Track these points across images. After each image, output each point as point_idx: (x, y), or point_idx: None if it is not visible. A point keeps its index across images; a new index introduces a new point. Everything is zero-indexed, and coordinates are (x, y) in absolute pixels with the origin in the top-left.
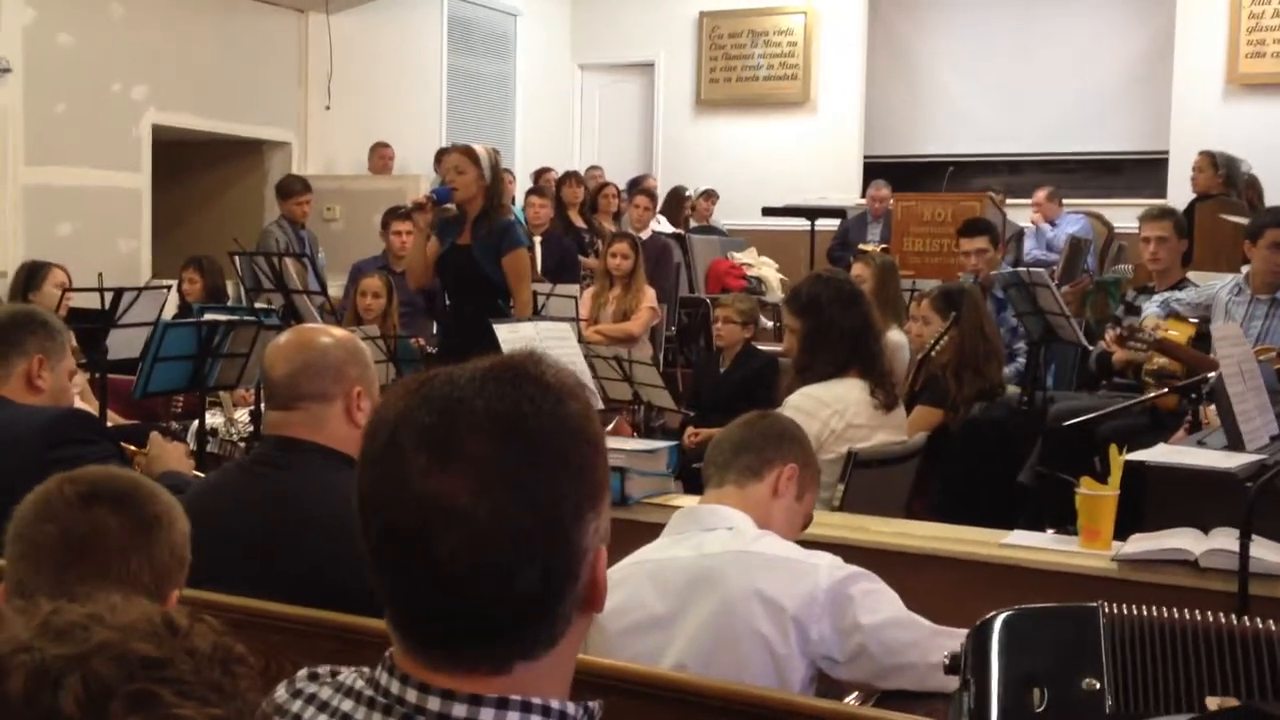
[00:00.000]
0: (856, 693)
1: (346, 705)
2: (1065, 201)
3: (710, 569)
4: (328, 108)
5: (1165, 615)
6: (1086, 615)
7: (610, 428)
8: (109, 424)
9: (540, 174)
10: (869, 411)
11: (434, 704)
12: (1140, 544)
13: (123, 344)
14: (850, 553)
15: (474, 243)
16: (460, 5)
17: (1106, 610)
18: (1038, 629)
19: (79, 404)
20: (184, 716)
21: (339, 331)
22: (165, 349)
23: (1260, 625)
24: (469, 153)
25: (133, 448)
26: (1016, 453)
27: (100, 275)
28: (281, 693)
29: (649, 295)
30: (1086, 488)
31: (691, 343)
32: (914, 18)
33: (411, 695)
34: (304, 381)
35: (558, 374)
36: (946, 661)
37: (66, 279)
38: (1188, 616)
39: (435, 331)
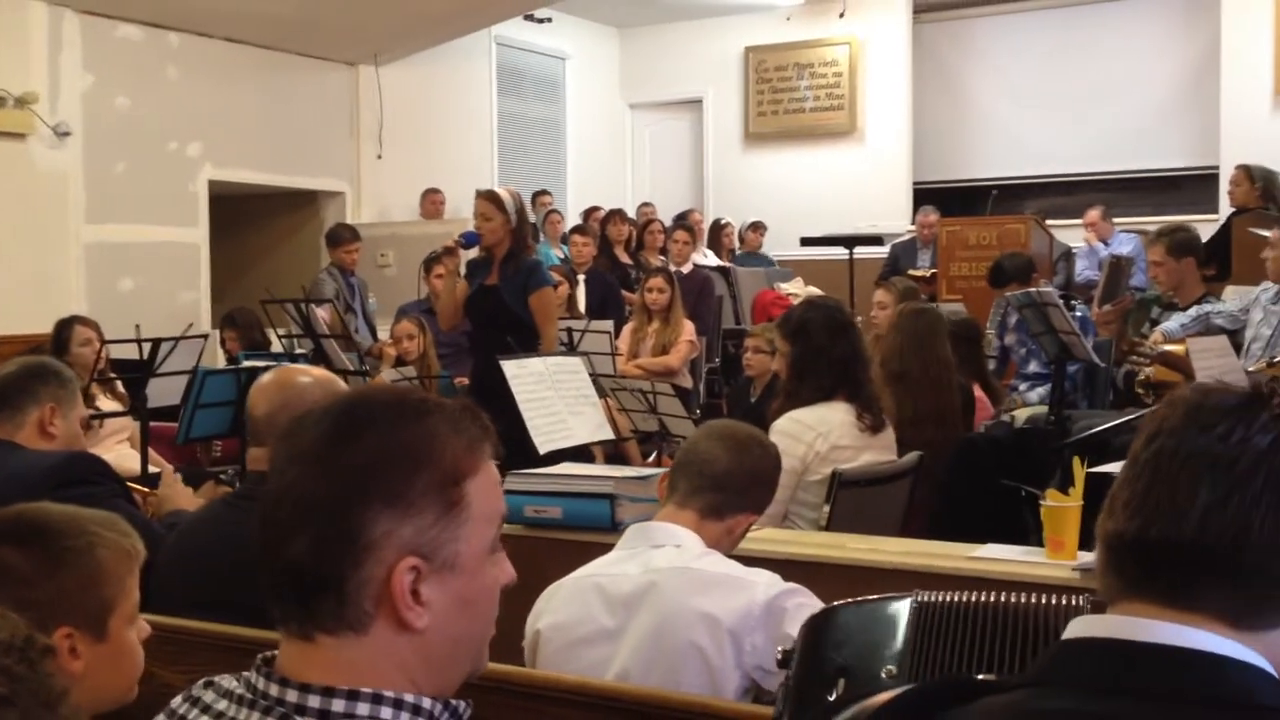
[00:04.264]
0: None
1: (222, 705)
2: (1120, 221)
3: (654, 584)
4: (379, 157)
5: (968, 599)
6: (898, 605)
7: (651, 459)
8: (152, 469)
9: (589, 213)
10: (854, 433)
11: (292, 696)
12: None
13: (164, 392)
14: (823, 570)
15: (501, 283)
16: (509, 52)
17: (918, 599)
18: (859, 621)
19: (127, 450)
20: None
21: (318, 371)
22: (206, 395)
23: (1054, 602)
24: (494, 198)
25: (144, 488)
26: (1017, 471)
27: (137, 326)
28: (178, 699)
29: (687, 329)
30: (1052, 499)
31: (738, 374)
32: (958, 42)
33: (274, 689)
34: (283, 419)
35: (425, 399)
36: (779, 656)
37: (95, 332)
38: (990, 599)
39: None
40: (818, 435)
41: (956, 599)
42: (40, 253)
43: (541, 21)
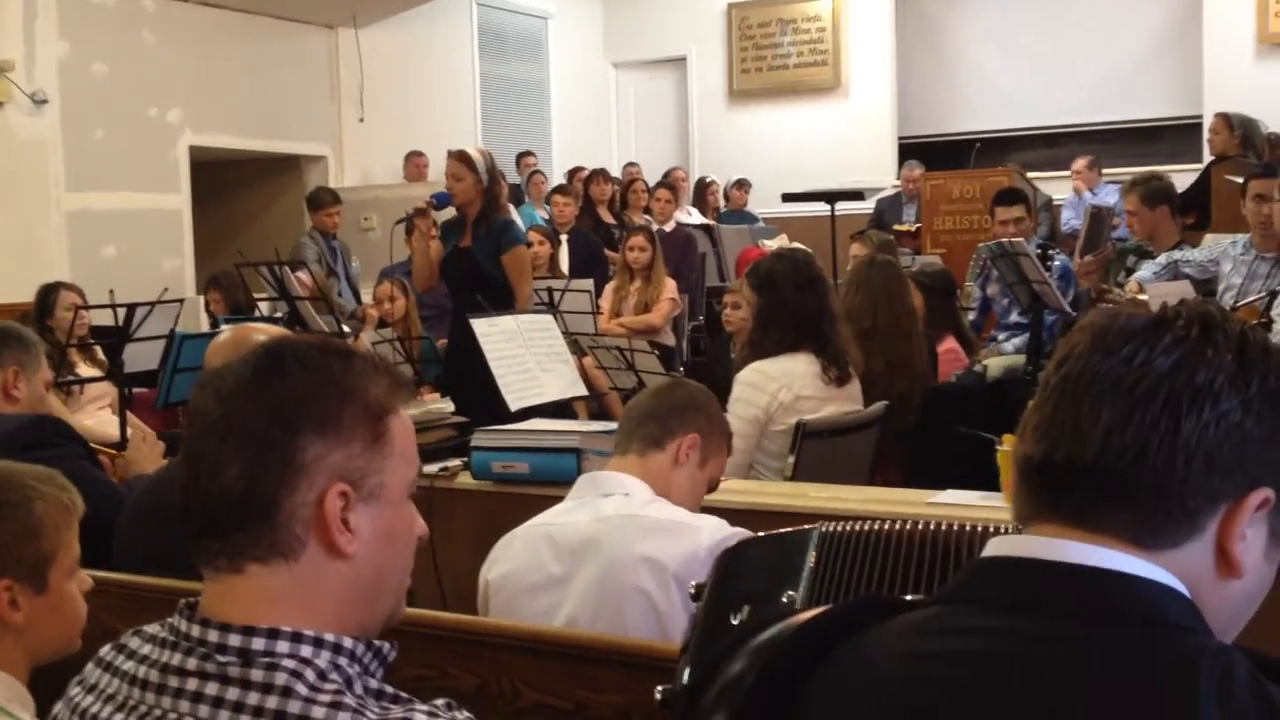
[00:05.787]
0: None
1: (146, 649)
2: (1104, 171)
3: (601, 532)
4: (361, 120)
5: (872, 527)
6: (804, 536)
7: None
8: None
9: (572, 174)
10: (818, 384)
11: (213, 636)
12: None
13: (144, 357)
14: (785, 519)
15: (474, 244)
16: (490, 11)
17: (823, 528)
18: (768, 551)
19: (108, 416)
20: None
21: (274, 329)
22: (184, 360)
23: (955, 527)
24: (465, 158)
25: (111, 451)
26: (992, 420)
27: (111, 292)
28: (106, 647)
29: (669, 286)
30: (1008, 444)
31: (721, 331)
32: None
33: (195, 631)
34: None
35: (346, 346)
36: (692, 591)
37: (80, 298)
38: (894, 526)
39: None
40: (781, 386)
41: (859, 527)
42: (21, 221)
43: None
